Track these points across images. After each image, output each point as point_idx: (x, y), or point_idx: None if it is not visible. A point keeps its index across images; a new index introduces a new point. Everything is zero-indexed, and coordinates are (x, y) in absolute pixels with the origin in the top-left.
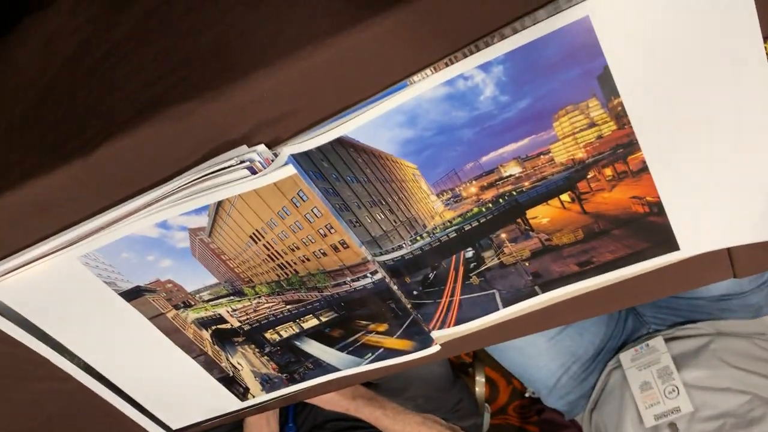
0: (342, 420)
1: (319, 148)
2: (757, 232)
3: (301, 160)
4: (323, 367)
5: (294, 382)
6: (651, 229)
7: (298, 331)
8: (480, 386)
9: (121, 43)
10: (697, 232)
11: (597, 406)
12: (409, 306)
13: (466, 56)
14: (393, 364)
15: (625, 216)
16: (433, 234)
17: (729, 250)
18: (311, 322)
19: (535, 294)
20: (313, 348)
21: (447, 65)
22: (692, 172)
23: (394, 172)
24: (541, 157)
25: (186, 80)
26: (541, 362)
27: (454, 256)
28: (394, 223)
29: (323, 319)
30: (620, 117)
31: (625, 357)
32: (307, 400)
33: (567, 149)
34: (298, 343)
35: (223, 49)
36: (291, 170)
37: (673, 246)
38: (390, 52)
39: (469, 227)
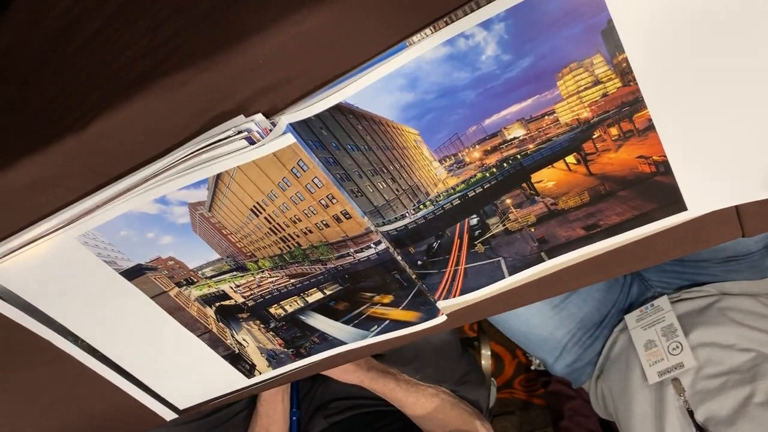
0: (346, 399)
1: (317, 116)
2: (766, 189)
3: (299, 128)
4: (329, 341)
5: (300, 357)
6: (658, 190)
7: (302, 305)
8: (486, 359)
9: (111, 19)
10: (704, 190)
11: (603, 372)
12: (414, 276)
13: (466, 14)
14: (399, 335)
15: (632, 176)
16: (437, 202)
17: (737, 208)
18: (316, 296)
19: (542, 260)
20: (319, 322)
21: (447, 24)
22: (699, 130)
23: (395, 138)
24: (546, 117)
25: (179, 51)
26: (546, 331)
27: (458, 224)
28: (396, 192)
29: (328, 292)
30: (625, 74)
31: (630, 318)
32: (322, 372)
33: (572, 109)
34: (303, 318)
35: (216, 19)
36: (290, 139)
37: (680, 206)
38: (387, 12)
39: (473, 194)
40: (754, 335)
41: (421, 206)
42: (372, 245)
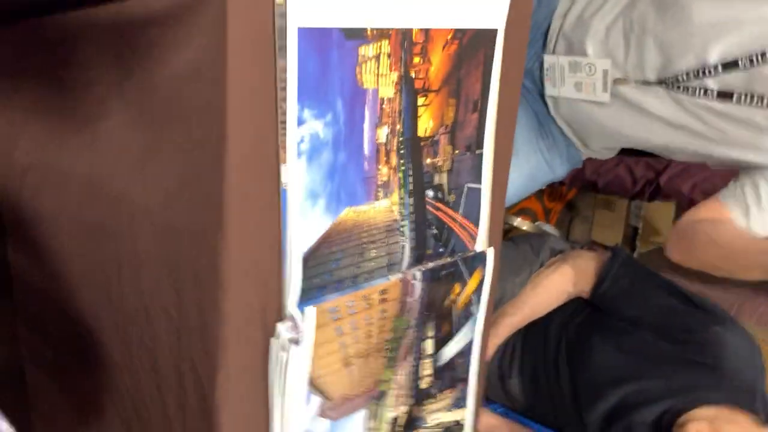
0: (512, 353)
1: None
2: None
3: (308, 295)
4: (470, 349)
5: (464, 381)
6: (481, 37)
7: (432, 358)
8: (525, 225)
9: None
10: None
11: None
12: (448, 258)
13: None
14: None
15: (448, 60)
16: (404, 216)
17: None
18: (428, 344)
19: (481, 156)
20: (450, 350)
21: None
22: None
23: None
24: (385, 106)
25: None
26: (521, 175)
27: (426, 206)
28: (383, 246)
29: (431, 333)
30: (381, 33)
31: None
32: None
33: (386, 84)
34: (442, 362)
35: None
36: (312, 312)
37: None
38: None
39: (411, 183)
40: None
41: (400, 231)
42: (412, 282)
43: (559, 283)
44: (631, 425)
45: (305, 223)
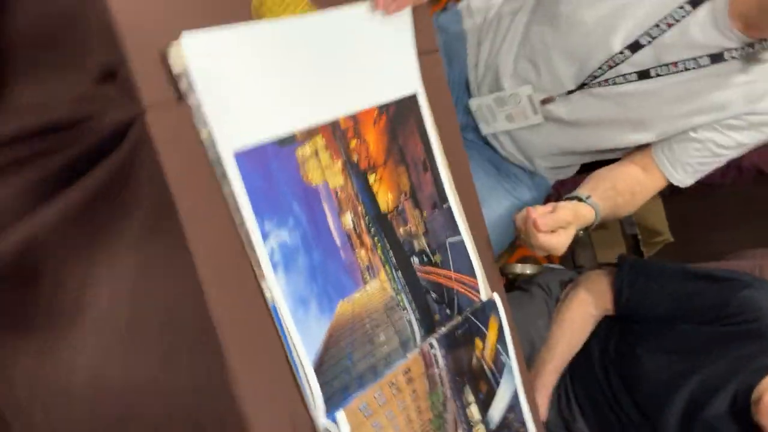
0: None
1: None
2: None
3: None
4: (517, 402)
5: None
6: (405, 108)
7: (480, 417)
8: (527, 269)
9: None
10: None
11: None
12: (457, 318)
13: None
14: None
15: (387, 137)
16: (399, 292)
17: None
18: (474, 410)
19: (450, 207)
20: (497, 409)
21: None
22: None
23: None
24: (348, 186)
25: None
26: (498, 217)
27: (413, 265)
28: (387, 334)
29: (471, 398)
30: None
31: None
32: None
33: (335, 174)
34: (493, 425)
35: None
36: (343, 417)
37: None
38: None
39: (393, 255)
40: None
41: (400, 306)
42: (432, 355)
43: (581, 312)
44: (711, 422)
45: (305, 331)
